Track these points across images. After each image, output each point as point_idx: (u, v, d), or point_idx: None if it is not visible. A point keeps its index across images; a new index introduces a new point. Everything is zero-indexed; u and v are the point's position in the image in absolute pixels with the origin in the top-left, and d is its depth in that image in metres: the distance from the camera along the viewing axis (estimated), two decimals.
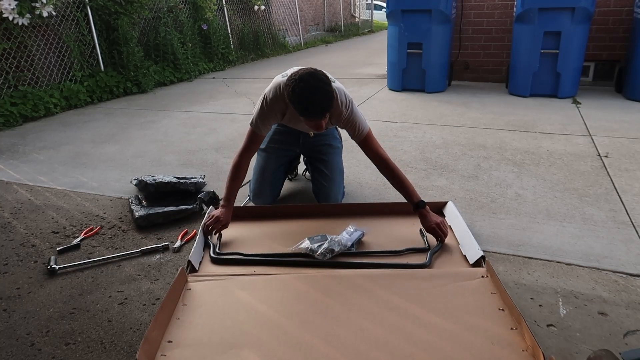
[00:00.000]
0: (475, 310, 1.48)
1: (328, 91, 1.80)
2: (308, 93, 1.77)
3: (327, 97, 1.80)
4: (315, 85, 1.77)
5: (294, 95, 1.79)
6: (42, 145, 3.80)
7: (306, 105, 1.79)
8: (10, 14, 4.43)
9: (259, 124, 2.08)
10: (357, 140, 2.10)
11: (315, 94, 1.77)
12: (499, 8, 5.35)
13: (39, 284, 1.86)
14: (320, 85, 1.78)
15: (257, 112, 2.08)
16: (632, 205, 2.33)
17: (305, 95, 1.77)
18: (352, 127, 2.07)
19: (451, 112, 4.29)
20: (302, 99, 1.78)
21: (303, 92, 1.77)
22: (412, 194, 2.01)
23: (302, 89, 1.76)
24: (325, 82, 1.80)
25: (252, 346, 1.35)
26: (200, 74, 7.07)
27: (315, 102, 1.79)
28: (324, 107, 1.81)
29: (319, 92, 1.78)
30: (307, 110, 1.81)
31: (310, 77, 1.78)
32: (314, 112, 1.81)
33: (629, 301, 1.63)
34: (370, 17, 16.26)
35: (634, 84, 4.45)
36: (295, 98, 1.79)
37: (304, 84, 1.76)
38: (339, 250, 1.85)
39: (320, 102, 1.79)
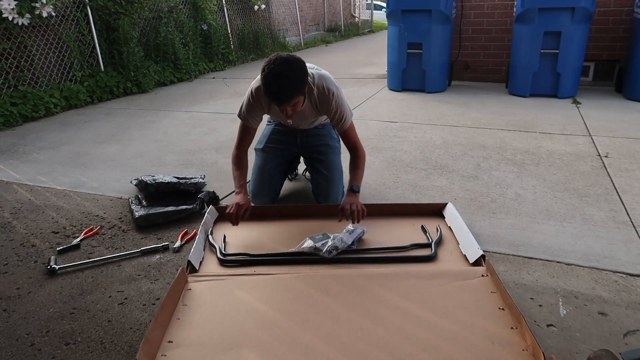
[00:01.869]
0: (475, 310, 1.48)
1: (292, 79, 1.82)
2: (271, 78, 1.80)
3: (291, 85, 1.82)
4: (280, 72, 1.80)
5: (262, 75, 1.84)
6: (42, 145, 3.80)
7: (268, 89, 1.84)
8: (10, 14, 4.43)
9: (245, 115, 2.15)
10: (339, 129, 2.18)
11: (278, 80, 1.80)
12: (499, 8, 5.35)
13: (39, 284, 1.86)
14: (286, 73, 1.80)
15: (244, 103, 2.14)
16: (632, 205, 2.33)
17: (268, 79, 1.81)
18: (339, 117, 2.12)
19: (451, 112, 4.29)
20: (265, 82, 1.83)
21: (267, 77, 1.81)
22: (355, 178, 2.13)
23: (269, 71, 1.80)
24: (294, 70, 1.81)
25: (252, 346, 1.35)
26: (200, 74, 7.07)
27: (277, 88, 1.82)
28: (285, 94, 1.83)
29: (282, 79, 1.80)
30: (268, 94, 1.86)
31: (281, 63, 1.81)
32: (275, 97, 1.85)
33: (629, 301, 1.63)
34: (370, 17, 16.26)
35: (634, 84, 4.45)
36: (262, 79, 1.84)
37: (273, 67, 1.80)
38: (342, 248, 1.86)
39: (281, 88, 1.82)
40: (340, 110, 2.10)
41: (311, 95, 2.07)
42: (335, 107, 2.08)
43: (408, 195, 2.56)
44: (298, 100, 1.91)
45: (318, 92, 2.07)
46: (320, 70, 2.16)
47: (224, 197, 2.62)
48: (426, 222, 2.08)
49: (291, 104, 1.88)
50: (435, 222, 2.09)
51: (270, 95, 1.85)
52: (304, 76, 1.87)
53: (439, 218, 2.14)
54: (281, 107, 1.89)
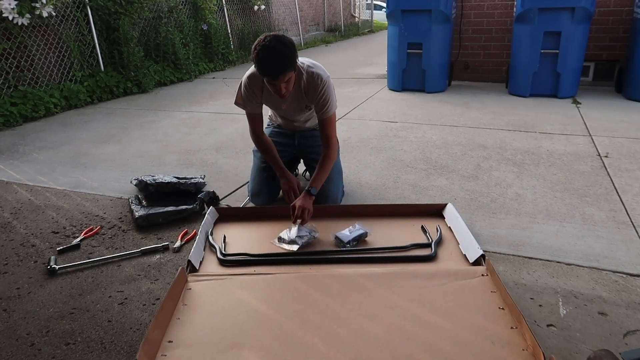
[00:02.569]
0: (475, 309, 1.48)
1: (285, 54, 1.88)
2: (265, 52, 1.85)
3: (284, 58, 1.87)
4: (273, 46, 1.85)
5: (255, 52, 1.88)
6: (42, 145, 3.80)
7: (262, 63, 1.88)
8: (10, 13, 4.43)
9: (243, 102, 2.22)
10: (320, 116, 2.21)
11: (272, 54, 1.85)
12: (499, 8, 5.35)
13: (39, 284, 1.86)
14: (279, 47, 1.86)
15: (239, 92, 2.22)
16: (632, 205, 2.33)
17: (262, 54, 1.86)
18: (322, 103, 2.16)
19: (451, 112, 4.29)
20: (259, 57, 1.87)
21: (261, 51, 1.86)
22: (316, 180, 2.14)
23: (262, 47, 1.85)
24: (285, 45, 1.88)
25: (252, 346, 1.35)
26: (200, 74, 7.07)
27: (271, 61, 1.86)
28: (278, 67, 1.87)
29: (276, 53, 1.85)
30: (262, 69, 1.90)
31: (272, 38, 1.87)
32: (269, 70, 1.89)
33: (629, 301, 1.63)
34: (370, 17, 16.26)
35: (634, 84, 4.45)
36: (255, 56, 1.88)
37: (265, 43, 1.85)
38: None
39: (276, 61, 1.86)
40: (326, 96, 2.15)
41: (301, 79, 2.12)
42: (322, 92, 2.14)
43: (408, 195, 2.56)
44: (291, 76, 1.96)
45: (307, 76, 2.12)
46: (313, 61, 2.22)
47: (224, 197, 2.62)
48: (426, 222, 2.08)
49: (285, 79, 1.93)
50: (435, 222, 2.09)
51: (265, 69, 1.89)
52: (294, 50, 1.93)
53: (439, 218, 2.14)
54: (276, 81, 1.92)
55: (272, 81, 1.95)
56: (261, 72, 1.93)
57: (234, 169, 3.06)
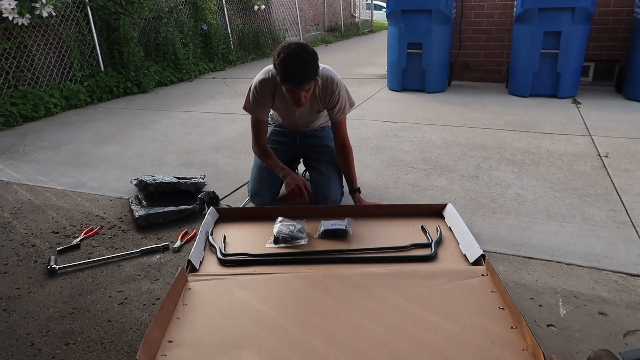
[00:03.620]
0: (475, 309, 1.48)
1: (310, 62, 1.89)
2: (291, 59, 1.86)
3: (309, 67, 1.89)
4: (299, 54, 1.87)
5: (278, 59, 1.88)
6: (42, 145, 3.80)
7: (287, 70, 1.88)
8: (10, 14, 4.43)
9: (252, 107, 2.19)
10: (334, 119, 2.26)
11: (297, 61, 1.86)
12: (499, 8, 5.35)
13: (39, 284, 1.86)
14: (304, 55, 1.87)
15: (249, 97, 2.19)
16: (632, 205, 2.33)
17: (287, 60, 1.86)
18: (339, 106, 2.20)
19: (451, 112, 4.29)
20: (284, 63, 1.87)
21: (286, 58, 1.86)
22: (353, 179, 2.33)
23: (286, 54, 1.86)
24: (310, 54, 1.89)
25: (252, 346, 1.35)
26: (200, 74, 7.07)
27: (296, 69, 1.87)
28: (304, 76, 1.89)
29: (301, 60, 1.86)
30: (287, 76, 1.89)
31: (297, 47, 1.89)
32: (293, 78, 1.89)
33: (629, 301, 1.63)
34: (370, 17, 16.25)
35: (634, 84, 4.45)
36: (279, 62, 1.88)
37: (289, 50, 1.86)
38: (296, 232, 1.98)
39: (301, 70, 1.87)
40: (341, 98, 2.21)
41: (316, 84, 2.12)
42: (337, 95, 2.18)
43: (408, 195, 2.56)
44: (312, 84, 1.97)
45: (322, 82, 2.14)
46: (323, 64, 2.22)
47: (224, 197, 2.62)
48: (426, 223, 2.08)
49: (308, 87, 1.93)
50: (435, 222, 2.09)
51: (290, 77, 1.89)
52: (317, 59, 1.94)
53: (439, 218, 2.14)
54: (299, 89, 1.92)
55: (294, 89, 1.94)
56: (285, 79, 1.91)
57: (234, 169, 3.06)
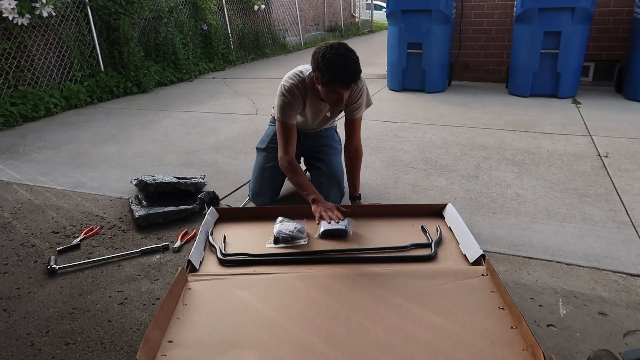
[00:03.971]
0: (475, 309, 1.48)
1: (357, 62, 1.84)
2: (339, 59, 1.80)
3: (356, 66, 1.84)
4: (345, 54, 1.82)
5: (324, 60, 1.81)
6: (42, 145, 3.80)
7: (337, 71, 1.81)
8: (10, 13, 4.43)
9: (283, 113, 2.10)
10: (352, 116, 2.21)
11: (346, 62, 1.81)
12: (499, 8, 5.35)
13: (39, 284, 1.86)
14: (350, 55, 1.83)
15: (279, 104, 2.11)
16: (632, 205, 2.33)
17: (336, 61, 1.80)
18: (359, 103, 2.17)
19: (451, 112, 4.29)
20: (331, 64, 1.80)
21: (334, 58, 1.80)
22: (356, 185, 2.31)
23: (334, 54, 1.80)
24: (354, 53, 1.85)
25: (252, 346, 1.35)
26: (200, 74, 7.07)
27: (346, 70, 1.82)
28: (353, 75, 1.84)
29: (349, 61, 1.81)
30: (336, 77, 1.83)
31: (342, 46, 1.84)
32: (343, 79, 1.83)
33: (629, 301, 1.63)
34: (370, 17, 16.26)
35: (634, 84, 4.45)
36: (326, 63, 1.81)
37: (335, 51, 1.80)
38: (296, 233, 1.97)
39: (350, 70, 1.82)
40: (363, 96, 2.19)
41: None
42: (360, 93, 2.16)
43: (408, 195, 2.56)
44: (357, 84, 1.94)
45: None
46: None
47: (224, 197, 2.62)
48: (426, 223, 2.08)
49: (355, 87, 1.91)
50: (435, 222, 2.09)
51: (341, 78, 1.84)
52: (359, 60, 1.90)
53: (439, 218, 2.14)
54: (347, 90, 1.88)
55: (342, 90, 1.88)
56: (334, 80, 1.84)
57: (234, 169, 3.06)
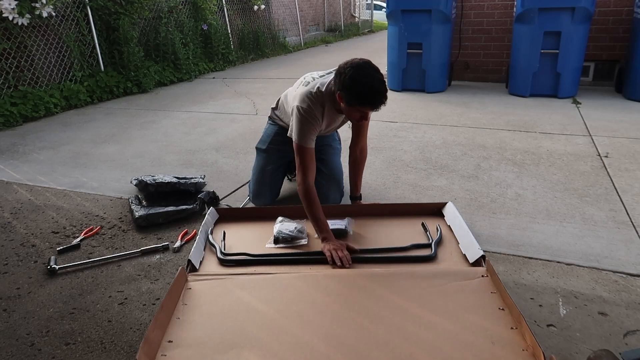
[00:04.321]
0: (476, 310, 1.48)
1: (384, 83, 1.79)
2: (369, 81, 1.75)
3: (384, 87, 1.79)
4: (374, 75, 1.77)
5: (352, 82, 1.75)
6: (42, 145, 3.80)
7: (365, 94, 1.77)
8: (10, 14, 4.43)
9: (306, 137, 1.99)
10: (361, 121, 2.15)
11: (375, 82, 1.76)
12: (499, 8, 5.35)
13: (39, 284, 1.86)
14: (378, 76, 1.78)
15: (299, 127, 1.99)
16: (632, 205, 2.33)
17: (365, 83, 1.75)
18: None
19: (451, 112, 4.29)
20: (360, 86, 1.76)
21: (363, 79, 1.75)
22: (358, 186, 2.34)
23: (362, 75, 1.75)
24: (379, 72, 1.80)
25: (252, 346, 1.35)
26: (200, 74, 7.07)
27: (375, 91, 1.77)
28: (382, 97, 1.78)
29: (378, 81, 1.76)
30: (364, 100, 1.78)
31: (368, 66, 1.78)
32: (374, 102, 1.79)
33: (629, 301, 1.63)
34: (370, 17, 16.26)
35: (634, 84, 4.45)
36: (353, 85, 1.76)
37: (363, 71, 1.75)
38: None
39: (380, 92, 1.77)
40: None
41: None
42: None
43: (408, 195, 2.56)
44: None
45: None
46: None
47: (224, 197, 2.62)
48: (426, 222, 2.08)
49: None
50: (435, 221, 2.09)
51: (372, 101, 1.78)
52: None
53: (439, 217, 2.14)
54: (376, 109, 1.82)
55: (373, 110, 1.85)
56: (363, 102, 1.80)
57: (234, 169, 3.06)
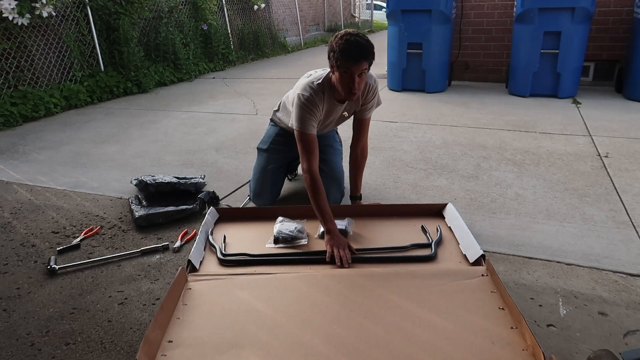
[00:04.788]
0: (476, 309, 1.48)
1: (370, 45, 1.93)
2: (354, 38, 1.91)
3: (369, 46, 1.92)
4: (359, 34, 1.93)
5: (337, 40, 1.91)
6: (42, 145, 3.80)
7: (349, 47, 1.88)
8: (10, 14, 4.43)
9: (306, 123, 2.07)
10: (362, 115, 2.25)
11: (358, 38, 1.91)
12: (499, 8, 5.35)
13: (39, 284, 1.86)
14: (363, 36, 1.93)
15: (299, 114, 2.06)
16: (632, 205, 2.33)
17: (349, 39, 1.90)
18: (372, 102, 2.21)
19: (451, 112, 4.29)
20: (346, 42, 1.89)
21: (346, 35, 1.91)
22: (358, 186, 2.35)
23: (349, 34, 1.91)
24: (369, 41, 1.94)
25: (252, 346, 1.35)
26: (200, 74, 7.07)
27: (358, 46, 1.89)
28: (365, 51, 1.90)
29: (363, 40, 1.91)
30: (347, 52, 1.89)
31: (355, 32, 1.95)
32: (355, 54, 1.89)
33: (629, 301, 1.63)
34: (370, 17, 16.25)
35: (634, 84, 4.45)
36: (339, 42, 1.90)
37: (349, 32, 1.93)
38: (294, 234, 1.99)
39: (362, 46, 1.90)
40: (376, 96, 2.23)
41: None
42: (374, 92, 2.20)
43: (408, 195, 2.56)
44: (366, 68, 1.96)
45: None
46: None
47: (224, 197, 2.62)
48: (426, 223, 2.08)
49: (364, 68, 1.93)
50: (435, 222, 2.09)
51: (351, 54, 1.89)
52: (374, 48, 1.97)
53: (439, 218, 2.14)
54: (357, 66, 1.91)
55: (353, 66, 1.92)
56: (345, 55, 1.90)
57: (234, 169, 3.06)
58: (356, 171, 2.33)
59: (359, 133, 2.29)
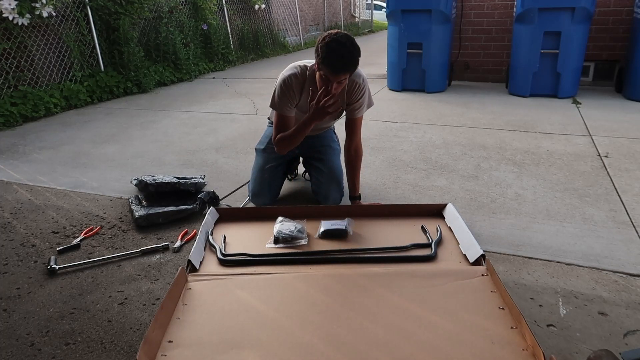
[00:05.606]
0: (475, 309, 1.48)
1: (354, 55, 1.89)
2: (336, 45, 1.86)
3: (351, 58, 1.89)
4: (344, 43, 1.87)
5: (323, 43, 1.87)
6: (42, 145, 3.80)
7: (330, 54, 1.86)
8: (10, 14, 4.43)
9: (279, 104, 2.14)
10: (353, 115, 2.25)
11: (342, 49, 1.86)
12: (499, 8, 5.35)
13: (39, 284, 1.86)
14: (349, 46, 1.88)
15: (276, 93, 2.14)
16: (632, 205, 2.33)
17: (332, 45, 1.86)
18: (361, 102, 2.21)
19: (451, 112, 4.29)
20: (328, 47, 1.86)
21: (332, 42, 1.86)
22: (356, 185, 2.34)
23: (332, 39, 1.87)
24: (355, 47, 1.90)
25: (252, 346, 1.35)
26: (200, 74, 7.07)
27: (339, 55, 1.87)
28: (344, 65, 1.88)
29: (345, 49, 1.87)
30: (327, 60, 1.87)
31: (343, 35, 1.90)
32: (334, 64, 1.87)
33: (629, 301, 1.63)
34: (370, 17, 16.26)
35: (634, 84, 4.45)
36: (323, 45, 1.87)
37: (336, 37, 1.87)
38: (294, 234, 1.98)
39: (343, 57, 1.87)
40: (364, 94, 2.22)
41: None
42: (362, 91, 2.19)
43: (408, 195, 2.56)
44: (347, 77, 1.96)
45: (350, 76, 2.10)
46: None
47: (224, 197, 2.62)
48: (426, 223, 2.08)
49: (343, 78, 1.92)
50: (435, 222, 2.09)
51: (331, 63, 1.88)
52: (360, 55, 1.94)
53: (439, 218, 2.14)
54: (335, 77, 1.91)
55: (330, 75, 1.92)
56: (325, 62, 1.89)
57: (234, 169, 3.06)
58: (353, 171, 2.33)
59: (351, 133, 2.29)
